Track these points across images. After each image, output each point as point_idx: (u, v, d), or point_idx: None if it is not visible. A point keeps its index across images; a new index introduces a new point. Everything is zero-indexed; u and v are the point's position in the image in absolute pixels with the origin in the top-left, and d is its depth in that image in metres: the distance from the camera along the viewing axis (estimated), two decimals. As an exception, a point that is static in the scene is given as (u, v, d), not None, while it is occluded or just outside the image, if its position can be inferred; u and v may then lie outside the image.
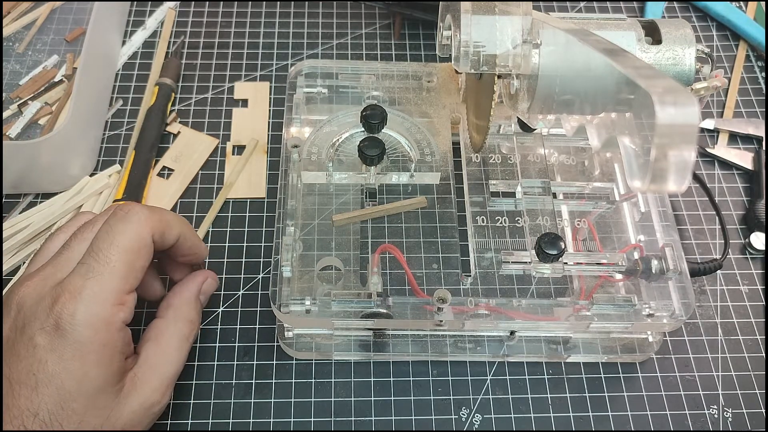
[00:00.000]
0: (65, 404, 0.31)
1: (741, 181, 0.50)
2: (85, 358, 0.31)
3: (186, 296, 0.39)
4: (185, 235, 0.38)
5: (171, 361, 0.36)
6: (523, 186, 0.43)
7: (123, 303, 0.33)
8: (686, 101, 0.26)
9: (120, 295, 0.33)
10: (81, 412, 0.31)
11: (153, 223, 0.35)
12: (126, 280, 0.33)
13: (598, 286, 0.41)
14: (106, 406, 0.32)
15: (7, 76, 0.52)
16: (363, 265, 0.42)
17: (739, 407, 0.41)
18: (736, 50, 0.56)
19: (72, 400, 0.31)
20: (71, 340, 0.31)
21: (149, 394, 0.34)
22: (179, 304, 0.38)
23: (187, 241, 0.38)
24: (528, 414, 0.40)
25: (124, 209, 0.35)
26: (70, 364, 0.31)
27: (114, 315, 0.33)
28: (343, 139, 0.46)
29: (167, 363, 0.36)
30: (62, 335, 0.31)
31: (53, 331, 0.31)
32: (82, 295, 0.32)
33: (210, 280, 0.40)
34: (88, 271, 0.32)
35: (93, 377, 0.32)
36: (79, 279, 0.32)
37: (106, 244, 0.33)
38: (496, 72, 0.37)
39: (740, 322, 0.44)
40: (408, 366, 0.41)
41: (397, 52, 0.55)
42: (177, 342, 0.37)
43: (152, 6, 0.57)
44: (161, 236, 0.35)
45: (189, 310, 0.38)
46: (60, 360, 0.31)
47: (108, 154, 0.49)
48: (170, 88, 0.51)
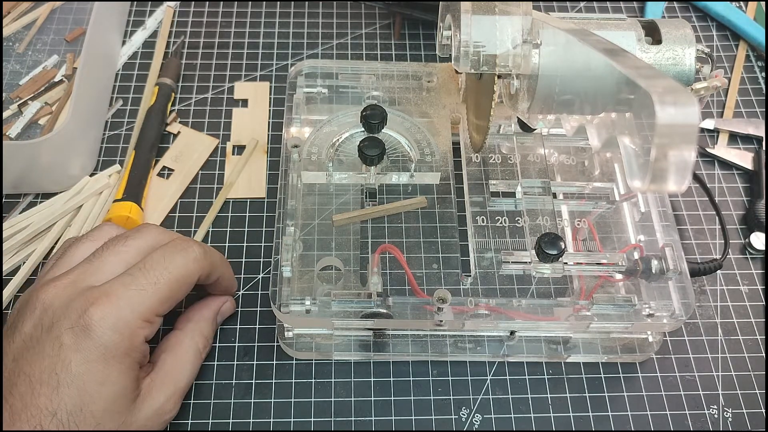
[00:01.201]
0: (85, 406, 0.31)
1: (741, 181, 0.50)
2: (108, 361, 0.32)
3: (206, 314, 0.40)
4: (224, 276, 0.40)
5: (185, 372, 0.37)
6: (523, 186, 0.43)
7: (152, 322, 0.34)
8: (686, 101, 0.26)
9: (152, 314, 0.34)
10: (99, 416, 0.32)
11: (204, 265, 0.37)
12: (162, 303, 0.34)
13: (598, 286, 0.41)
14: (122, 411, 0.33)
15: (7, 76, 0.52)
16: (363, 265, 0.42)
17: (739, 407, 0.41)
18: (736, 50, 0.56)
19: (92, 403, 0.32)
20: (98, 342, 0.32)
21: (163, 402, 0.35)
22: (198, 319, 0.39)
23: (225, 281, 0.40)
24: (528, 414, 0.40)
25: (184, 243, 0.36)
26: (94, 366, 0.32)
27: (141, 329, 0.33)
28: (343, 139, 0.46)
29: (181, 374, 0.37)
30: (90, 337, 0.32)
31: (81, 332, 0.32)
32: (120, 302, 0.33)
33: (229, 304, 0.42)
34: (132, 282, 0.34)
35: (114, 382, 0.32)
36: (121, 287, 0.33)
37: (160, 267, 0.34)
38: (496, 72, 0.37)
39: (740, 322, 0.44)
40: (408, 366, 0.41)
41: (397, 52, 0.55)
42: (192, 355, 0.38)
43: (152, 6, 0.57)
44: (207, 276, 0.38)
45: (206, 326, 0.40)
46: (85, 361, 0.32)
47: (108, 154, 0.49)
48: (170, 88, 0.51)
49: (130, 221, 0.44)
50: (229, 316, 0.42)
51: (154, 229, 0.38)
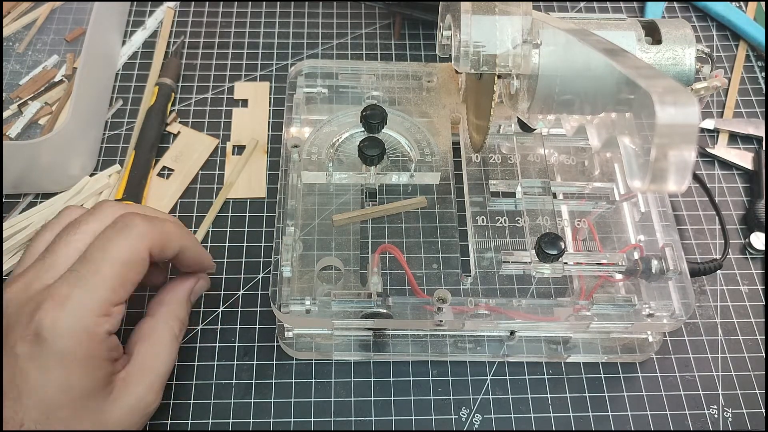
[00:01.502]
0: (51, 413, 0.30)
1: (741, 181, 0.50)
2: (68, 368, 0.30)
3: (178, 295, 0.38)
4: (187, 248, 0.37)
5: (162, 359, 0.35)
6: (523, 186, 0.43)
7: (109, 314, 0.32)
8: (686, 101, 0.26)
9: (107, 306, 0.32)
10: (68, 420, 0.31)
11: (152, 238, 0.34)
12: (115, 292, 0.32)
13: (598, 286, 0.41)
14: (95, 410, 0.32)
15: (7, 76, 0.52)
16: (363, 265, 0.42)
17: (739, 407, 0.41)
18: (736, 50, 0.56)
19: (57, 409, 0.30)
20: (53, 350, 0.30)
21: (142, 394, 0.34)
22: (170, 302, 0.37)
23: (190, 253, 0.37)
24: (528, 414, 0.40)
25: (124, 220, 0.34)
26: (52, 374, 0.30)
27: (98, 326, 0.32)
28: (343, 139, 0.46)
29: (159, 362, 0.35)
30: (43, 344, 0.30)
31: (34, 340, 0.30)
32: (67, 303, 0.31)
33: (202, 281, 0.40)
34: (77, 279, 0.31)
35: (78, 386, 0.31)
36: (66, 287, 0.31)
37: (100, 255, 0.32)
38: (496, 72, 0.37)
39: (740, 322, 0.44)
40: (408, 366, 0.41)
41: (397, 52, 0.55)
42: (168, 341, 0.36)
43: (152, 6, 0.57)
44: (160, 250, 0.35)
45: (179, 309, 0.37)
46: (42, 370, 0.30)
47: (108, 154, 0.49)
48: (170, 88, 0.51)
49: (130, 221, 0.44)
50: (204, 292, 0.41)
51: (109, 206, 0.35)
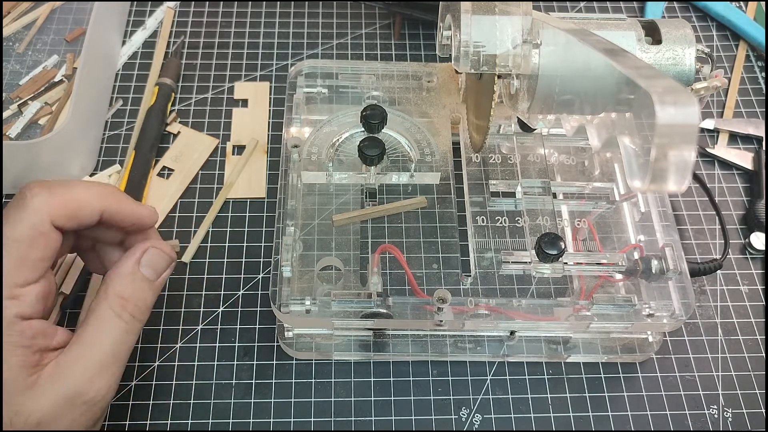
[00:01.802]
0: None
1: (741, 181, 0.50)
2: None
3: (119, 269, 0.34)
4: (112, 208, 0.34)
5: (98, 343, 0.32)
6: (523, 186, 0.43)
7: (15, 297, 0.30)
8: (686, 101, 0.26)
9: (10, 288, 0.30)
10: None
11: (53, 208, 0.31)
12: (17, 272, 0.30)
13: (598, 286, 0.41)
14: (11, 401, 0.30)
15: (7, 76, 0.52)
16: (363, 265, 0.42)
17: (739, 407, 0.41)
18: (736, 50, 0.56)
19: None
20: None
21: (73, 383, 0.31)
22: (110, 279, 0.34)
23: (117, 213, 0.34)
24: (528, 414, 0.40)
25: (22, 193, 0.32)
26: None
27: (5, 309, 0.30)
28: (343, 139, 0.46)
29: (93, 346, 0.32)
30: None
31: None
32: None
33: (154, 249, 0.35)
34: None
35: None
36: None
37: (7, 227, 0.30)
38: (496, 72, 0.37)
39: (740, 322, 0.44)
40: (408, 366, 0.41)
41: (397, 52, 0.55)
42: (106, 321, 0.33)
43: (152, 6, 0.57)
44: (71, 218, 0.32)
45: (120, 283, 0.34)
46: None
47: (108, 154, 0.49)
48: (170, 88, 0.51)
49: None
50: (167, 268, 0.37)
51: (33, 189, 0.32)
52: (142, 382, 0.40)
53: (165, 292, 0.43)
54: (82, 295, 0.42)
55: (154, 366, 0.41)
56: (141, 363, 0.41)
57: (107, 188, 0.34)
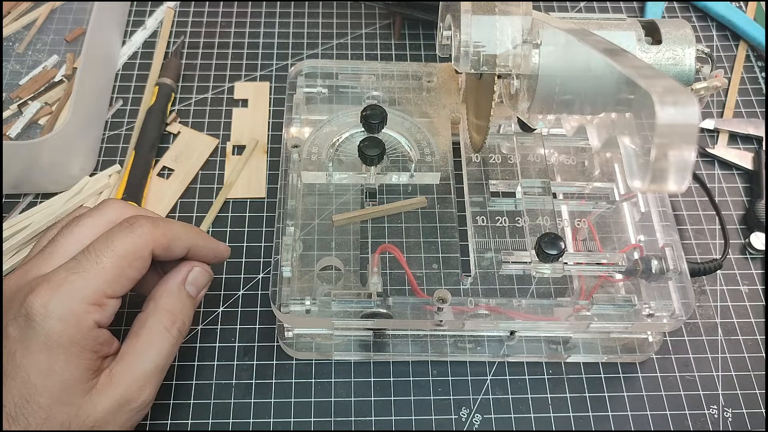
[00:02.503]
0: (30, 397, 0.31)
1: (741, 181, 0.50)
2: (52, 351, 0.31)
3: (168, 287, 0.37)
4: (197, 245, 0.37)
5: (148, 355, 0.34)
6: (523, 186, 0.43)
7: (101, 305, 0.32)
8: (686, 101, 0.26)
9: (100, 296, 0.32)
10: (46, 407, 0.31)
11: (156, 238, 0.34)
12: (111, 284, 0.33)
13: (598, 286, 0.41)
14: (74, 402, 0.32)
15: (7, 76, 0.52)
16: (363, 265, 0.42)
17: (739, 407, 0.41)
18: (736, 50, 0.56)
19: (37, 394, 0.31)
20: (40, 332, 0.31)
21: (124, 391, 0.33)
22: (159, 295, 0.36)
23: (201, 250, 0.38)
24: (528, 414, 0.40)
25: (130, 221, 0.34)
26: (36, 357, 0.31)
27: (87, 313, 0.32)
28: (343, 139, 0.46)
29: (144, 357, 0.34)
30: (32, 326, 0.31)
31: (24, 322, 0.31)
32: (61, 288, 0.31)
33: (198, 269, 0.38)
34: (76, 266, 0.32)
35: (59, 372, 0.31)
36: (64, 272, 0.32)
37: (102, 247, 0.33)
38: (496, 72, 0.37)
39: (740, 322, 0.44)
40: (408, 366, 0.41)
41: (397, 52, 0.55)
42: (157, 335, 0.35)
43: (152, 6, 0.57)
44: (165, 250, 0.35)
45: (169, 300, 0.36)
46: (27, 351, 0.31)
47: (108, 154, 0.49)
48: (170, 88, 0.51)
49: (130, 221, 0.44)
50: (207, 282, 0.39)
51: (114, 204, 0.36)
52: (142, 382, 0.40)
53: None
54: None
55: (154, 366, 0.41)
56: (141, 363, 0.41)
57: (194, 227, 0.38)
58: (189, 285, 0.37)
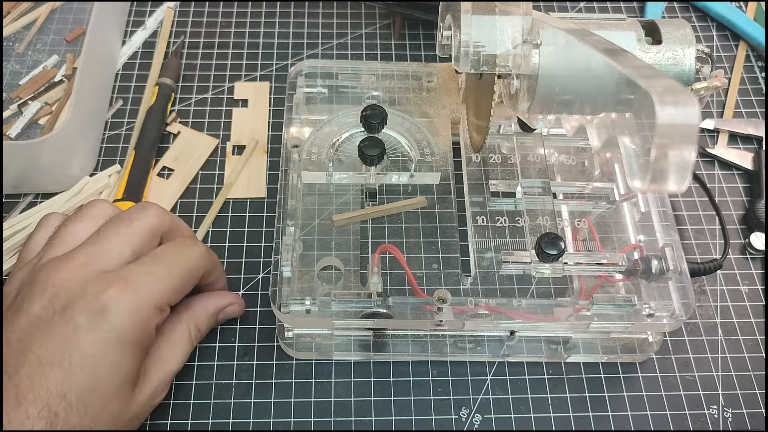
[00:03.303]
0: (95, 388, 0.31)
1: (741, 181, 0.50)
2: (122, 345, 0.32)
3: (208, 306, 0.40)
4: (218, 277, 0.40)
5: (175, 358, 0.37)
6: (523, 186, 0.43)
7: (163, 310, 0.34)
8: (686, 101, 0.26)
9: (164, 302, 0.34)
10: (105, 399, 0.32)
11: (207, 263, 0.38)
12: (174, 293, 0.35)
13: (598, 286, 0.41)
14: (126, 396, 0.33)
15: (7, 76, 0.52)
16: (363, 265, 0.42)
17: (739, 407, 0.41)
18: (736, 50, 0.56)
19: (102, 385, 0.32)
20: (114, 325, 0.32)
21: (155, 387, 0.35)
22: (199, 308, 0.39)
23: (219, 282, 0.41)
24: (528, 414, 0.40)
25: (192, 240, 0.38)
26: (108, 348, 0.32)
27: (153, 316, 0.34)
28: (343, 139, 0.46)
29: (172, 359, 0.37)
30: (106, 319, 0.32)
31: (98, 314, 0.32)
32: (138, 287, 0.33)
33: (236, 306, 0.41)
34: (149, 269, 0.34)
35: (125, 365, 0.33)
36: (139, 274, 0.34)
37: (176, 257, 0.36)
38: (496, 72, 0.37)
39: (740, 322, 0.44)
40: (408, 366, 0.41)
41: (397, 52, 0.55)
42: (184, 342, 0.38)
43: (152, 6, 0.57)
44: (208, 275, 0.38)
45: (204, 318, 0.39)
46: (100, 343, 0.31)
47: (108, 154, 0.49)
48: (170, 88, 0.51)
49: (130, 221, 0.44)
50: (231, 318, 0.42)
51: (155, 208, 0.37)
52: (142, 382, 0.40)
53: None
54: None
55: (154, 366, 0.41)
56: (141, 363, 0.41)
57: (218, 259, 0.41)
58: (222, 315, 0.41)
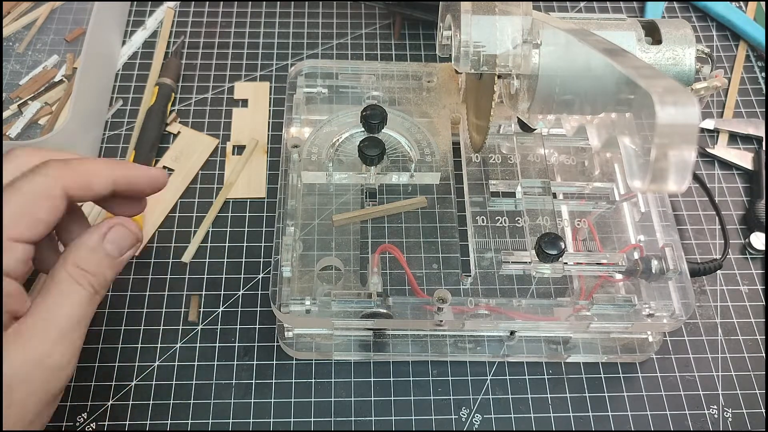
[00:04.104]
0: None
1: (741, 181, 0.50)
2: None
3: (84, 242, 0.33)
4: (125, 177, 0.34)
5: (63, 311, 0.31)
6: (523, 186, 0.43)
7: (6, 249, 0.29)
8: (686, 101, 0.26)
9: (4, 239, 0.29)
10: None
11: (68, 177, 0.31)
12: (15, 223, 0.29)
13: (598, 286, 0.41)
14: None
15: (7, 76, 0.52)
16: (363, 265, 0.42)
17: (739, 407, 0.41)
18: (736, 50, 0.56)
19: None
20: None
21: (36, 346, 0.30)
22: (72, 250, 0.33)
23: (131, 181, 0.34)
24: (528, 414, 0.40)
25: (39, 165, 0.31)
26: None
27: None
28: (343, 139, 0.46)
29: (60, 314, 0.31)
30: None
31: None
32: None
33: (120, 227, 0.34)
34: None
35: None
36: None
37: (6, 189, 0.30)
38: (496, 72, 0.37)
39: (740, 322, 0.44)
40: (408, 366, 0.41)
41: (397, 52, 0.55)
42: (68, 289, 0.31)
43: (152, 6, 0.57)
44: (83, 188, 0.32)
45: (83, 256, 0.32)
46: None
47: (108, 154, 0.49)
48: (170, 88, 0.51)
49: (130, 221, 0.44)
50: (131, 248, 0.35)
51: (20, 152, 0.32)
52: (142, 382, 0.40)
53: (165, 292, 0.43)
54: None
55: (154, 366, 0.41)
56: (141, 363, 0.41)
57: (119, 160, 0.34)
58: (108, 243, 0.33)
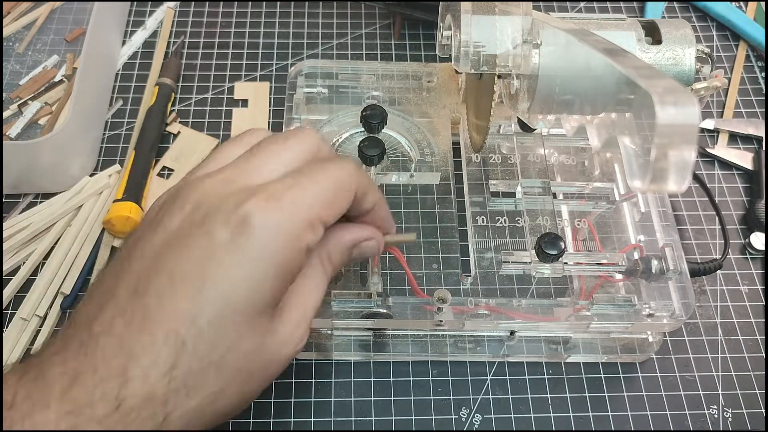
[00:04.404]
0: (229, 313, 0.27)
1: (741, 181, 0.50)
2: (264, 265, 0.28)
3: (342, 238, 0.34)
4: (380, 205, 0.35)
5: (312, 295, 0.32)
6: (523, 186, 0.43)
7: (315, 228, 0.29)
8: (686, 101, 0.26)
9: (316, 218, 0.29)
10: (238, 331, 0.27)
11: (360, 179, 0.32)
12: (326, 208, 0.30)
13: (598, 286, 0.41)
14: (260, 333, 0.29)
15: (7, 76, 0.52)
16: (363, 265, 0.42)
17: (739, 407, 0.41)
18: (736, 50, 0.56)
19: (237, 311, 0.27)
20: (257, 242, 0.27)
21: (292, 329, 0.30)
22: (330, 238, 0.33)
23: (381, 211, 0.35)
24: (528, 414, 0.40)
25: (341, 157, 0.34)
26: (248, 266, 0.27)
27: (303, 235, 0.29)
28: (343, 139, 0.46)
29: (309, 297, 0.32)
30: (249, 234, 0.27)
31: (238, 228, 0.27)
32: (282, 200, 0.28)
33: (374, 241, 0.35)
34: (294, 183, 0.29)
35: (265, 291, 0.28)
36: (282, 186, 0.29)
37: (319, 169, 0.30)
38: (496, 72, 0.37)
39: (740, 322, 0.44)
40: (408, 366, 0.41)
41: (397, 52, 0.55)
42: (319, 277, 0.32)
43: (152, 6, 0.57)
44: (362, 195, 0.33)
45: (336, 251, 0.33)
46: (239, 261, 0.27)
47: (108, 154, 0.49)
48: (170, 88, 0.51)
49: (130, 221, 0.44)
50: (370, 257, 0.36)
51: (312, 133, 0.33)
52: (142, 382, 0.40)
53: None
54: (82, 295, 0.42)
55: (154, 366, 0.41)
56: (141, 363, 0.41)
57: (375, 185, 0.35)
58: (357, 249, 0.34)
